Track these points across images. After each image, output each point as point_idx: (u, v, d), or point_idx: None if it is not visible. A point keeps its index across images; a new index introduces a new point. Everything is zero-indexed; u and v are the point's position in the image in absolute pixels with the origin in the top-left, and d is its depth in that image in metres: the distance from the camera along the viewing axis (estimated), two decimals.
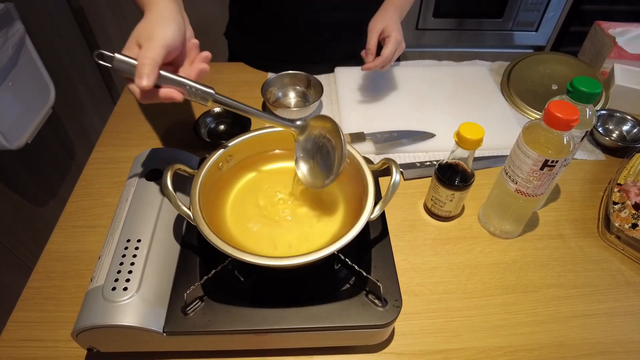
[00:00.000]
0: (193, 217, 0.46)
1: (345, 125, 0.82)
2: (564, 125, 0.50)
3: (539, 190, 0.57)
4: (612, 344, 0.55)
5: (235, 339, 0.49)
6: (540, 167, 0.54)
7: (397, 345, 0.54)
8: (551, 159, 0.52)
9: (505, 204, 0.62)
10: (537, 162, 0.53)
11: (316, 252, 0.43)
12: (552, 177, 0.55)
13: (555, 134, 0.52)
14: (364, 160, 0.53)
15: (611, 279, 0.61)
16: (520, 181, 0.57)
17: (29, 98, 1.05)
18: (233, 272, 0.51)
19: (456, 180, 0.61)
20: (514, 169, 0.57)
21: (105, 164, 0.76)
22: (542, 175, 0.55)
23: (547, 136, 0.52)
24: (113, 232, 0.53)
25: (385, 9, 0.82)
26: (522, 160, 0.55)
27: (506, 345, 0.54)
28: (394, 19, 0.80)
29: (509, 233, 0.66)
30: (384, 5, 0.83)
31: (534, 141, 0.54)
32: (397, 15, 0.81)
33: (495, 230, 0.66)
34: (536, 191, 0.57)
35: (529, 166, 0.54)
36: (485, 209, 0.68)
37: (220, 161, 0.54)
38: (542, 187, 0.57)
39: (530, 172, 0.55)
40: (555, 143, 0.52)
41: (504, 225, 0.65)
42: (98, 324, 0.45)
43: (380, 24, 0.79)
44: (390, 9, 0.81)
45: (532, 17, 1.62)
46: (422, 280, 0.60)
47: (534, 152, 0.53)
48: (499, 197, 0.63)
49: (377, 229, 0.56)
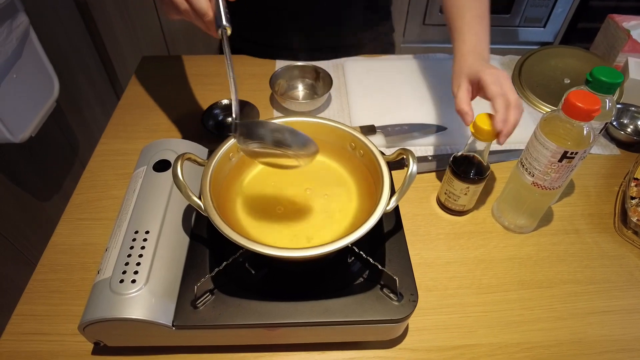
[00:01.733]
0: (204, 207, 0.44)
1: (355, 118, 0.80)
2: (584, 115, 0.48)
3: (556, 183, 0.55)
4: (631, 342, 0.53)
5: (245, 334, 0.48)
6: (559, 159, 0.52)
7: (411, 340, 0.52)
8: (571, 151, 0.51)
9: (520, 198, 0.61)
10: (556, 154, 0.52)
11: (330, 244, 0.42)
12: (570, 169, 0.54)
13: (575, 125, 0.50)
14: (379, 151, 0.51)
15: (629, 275, 0.60)
16: (537, 174, 0.55)
17: (33, 91, 1.04)
18: (244, 265, 0.50)
19: (471, 173, 0.60)
20: (531, 161, 0.55)
21: (111, 156, 0.74)
22: (560, 167, 0.53)
23: (566, 127, 0.51)
24: (120, 224, 0.52)
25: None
26: (540, 152, 0.53)
27: (523, 342, 0.53)
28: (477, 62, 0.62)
29: (524, 228, 0.64)
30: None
31: (552, 132, 0.52)
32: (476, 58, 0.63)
33: (509, 225, 0.64)
34: (553, 184, 0.56)
35: (547, 158, 0.53)
36: (499, 203, 0.66)
37: (231, 151, 0.52)
38: (559, 179, 0.55)
39: (549, 164, 0.53)
40: (575, 134, 0.51)
41: (518, 219, 0.63)
42: (105, 317, 0.43)
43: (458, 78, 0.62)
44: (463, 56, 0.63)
45: (540, 13, 1.61)
46: (436, 275, 0.59)
47: (552, 144, 0.51)
48: (514, 190, 0.61)
49: (391, 223, 0.55)
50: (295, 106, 0.80)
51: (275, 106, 0.84)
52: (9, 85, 0.95)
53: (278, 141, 0.43)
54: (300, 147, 0.44)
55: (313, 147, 0.44)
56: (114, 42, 1.56)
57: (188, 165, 0.52)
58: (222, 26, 0.49)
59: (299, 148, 0.44)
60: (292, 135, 0.43)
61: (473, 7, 0.67)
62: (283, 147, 0.44)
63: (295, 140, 0.43)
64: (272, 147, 0.44)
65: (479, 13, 0.67)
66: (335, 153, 0.56)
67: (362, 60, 0.94)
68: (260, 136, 0.44)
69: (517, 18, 1.63)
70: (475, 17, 0.66)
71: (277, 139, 0.43)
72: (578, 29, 1.66)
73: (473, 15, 0.66)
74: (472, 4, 0.67)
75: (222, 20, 0.49)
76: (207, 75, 0.91)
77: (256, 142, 0.44)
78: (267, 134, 0.44)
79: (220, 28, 0.49)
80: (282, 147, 0.44)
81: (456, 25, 0.67)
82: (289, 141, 0.43)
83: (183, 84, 0.89)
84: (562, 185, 0.57)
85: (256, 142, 0.44)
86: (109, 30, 1.53)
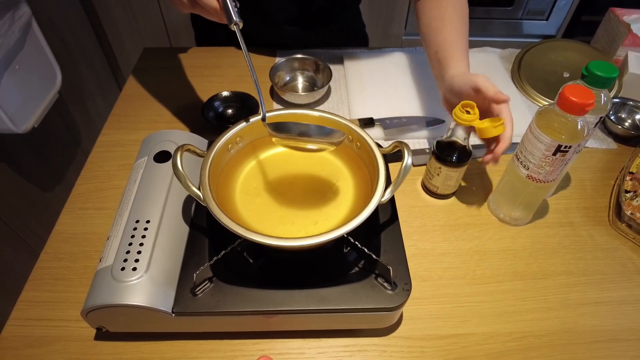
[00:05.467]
0: (203, 197, 0.46)
1: (355, 110, 0.81)
2: (578, 109, 0.49)
3: (550, 176, 0.56)
4: (621, 332, 0.54)
5: (243, 320, 0.49)
6: (553, 153, 0.53)
7: (405, 329, 0.54)
8: (564, 144, 0.51)
9: (515, 191, 0.61)
10: (550, 148, 0.52)
11: (326, 234, 0.43)
12: (564, 162, 0.54)
13: (569, 119, 0.51)
14: (375, 143, 0.52)
15: (621, 267, 0.61)
16: (532, 167, 0.56)
17: (35, 82, 1.04)
18: (242, 254, 0.51)
19: (448, 157, 0.61)
20: (526, 154, 0.56)
21: (113, 147, 0.75)
22: (554, 160, 0.54)
23: (560, 121, 0.52)
24: (122, 213, 0.53)
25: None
26: (535, 145, 0.54)
27: (515, 331, 0.54)
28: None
29: (519, 220, 0.65)
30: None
31: (547, 126, 0.53)
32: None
33: (505, 217, 0.65)
34: (548, 177, 0.56)
35: (542, 151, 0.54)
36: (495, 196, 0.67)
37: (229, 143, 0.53)
38: (554, 173, 0.56)
39: (543, 158, 0.54)
40: (569, 128, 0.51)
41: (514, 212, 0.64)
42: (107, 304, 0.45)
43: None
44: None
45: (543, 6, 1.60)
46: (431, 266, 0.60)
47: (547, 137, 0.52)
48: (509, 183, 0.62)
49: (387, 214, 0.56)
50: (295, 98, 0.81)
51: (275, 98, 0.85)
52: (12, 76, 0.96)
53: (303, 132, 0.49)
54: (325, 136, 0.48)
55: (339, 135, 0.48)
56: (116, 33, 1.56)
57: (188, 156, 0.53)
58: (233, 22, 0.50)
59: (324, 137, 0.49)
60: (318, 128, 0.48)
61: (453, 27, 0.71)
62: (307, 136, 0.49)
63: (321, 131, 0.48)
64: (298, 136, 0.49)
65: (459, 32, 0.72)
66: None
67: (362, 52, 0.94)
68: (292, 131, 0.49)
69: (519, 11, 1.62)
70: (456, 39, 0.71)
71: (302, 131, 0.49)
72: (581, 21, 1.66)
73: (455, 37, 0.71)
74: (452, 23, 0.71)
75: (232, 16, 0.50)
76: (208, 67, 0.92)
77: (284, 134, 0.49)
78: (294, 128, 0.48)
79: (232, 24, 0.50)
80: (307, 136, 0.49)
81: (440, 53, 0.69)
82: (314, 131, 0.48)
83: (184, 75, 0.90)
84: (556, 178, 0.57)
85: (284, 134, 0.50)
86: (111, 22, 1.53)
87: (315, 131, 0.48)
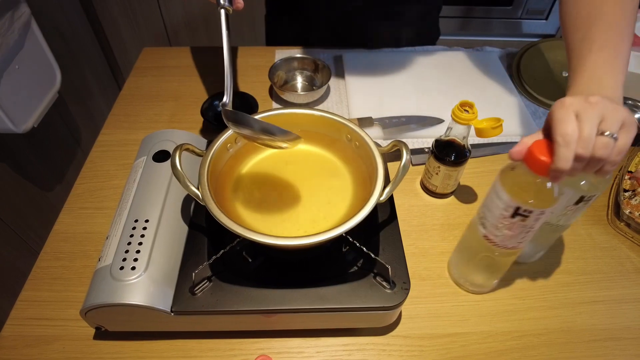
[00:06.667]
0: (202, 196, 0.46)
1: (353, 109, 0.81)
2: (545, 170, 0.39)
3: (509, 242, 0.46)
4: (619, 331, 0.54)
5: (242, 320, 0.49)
6: (511, 215, 0.43)
7: (404, 328, 0.54)
8: (524, 207, 0.42)
9: (471, 251, 0.53)
10: (508, 208, 0.43)
11: (324, 233, 0.43)
12: (526, 230, 0.44)
13: (538, 179, 0.41)
14: (374, 142, 0.52)
15: (620, 266, 0.61)
16: (489, 226, 0.47)
17: (35, 82, 1.04)
18: (241, 253, 0.51)
19: (447, 156, 0.61)
20: (485, 210, 0.47)
21: (112, 147, 0.75)
22: (513, 225, 0.44)
23: (528, 178, 0.41)
24: (121, 213, 0.53)
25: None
26: (493, 200, 0.45)
27: (514, 330, 0.54)
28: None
29: (479, 287, 0.57)
30: None
31: (514, 180, 0.43)
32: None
33: (459, 279, 0.57)
34: (506, 242, 0.46)
35: (500, 210, 0.44)
36: (454, 254, 0.59)
37: (228, 142, 0.53)
38: (514, 239, 0.46)
39: (500, 218, 0.44)
40: (536, 189, 0.41)
41: (470, 275, 0.56)
42: (106, 303, 0.45)
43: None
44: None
45: (543, 5, 1.60)
46: (430, 265, 0.60)
47: (505, 194, 0.42)
48: (467, 240, 0.54)
49: (386, 213, 0.56)
50: (294, 98, 0.81)
51: (274, 98, 0.85)
52: (11, 76, 0.96)
53: (265, 129, 0.46)
54: (283, 136, 0.46)
55: (292, 135, 0.46)
56: (116, 33, 1.56)
57: (187, 156, 0.53)
58: (221, 5, 0.50)
59: (282, 136, 0.46)
60: (274, 127, 0.46)
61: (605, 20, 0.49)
62: (268, 134, 0.46)
63: (277, 131, 0.46)
64: (260, 133, 0.46)
65: (610, 30, 0.48)
66: (332, 144, 0.57)
67: (361, 52, 0.94)
68: (249, 125, 0.46)
69: (519, 10, 1.62)
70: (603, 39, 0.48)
71: (263, 128, 0.46)
72: None
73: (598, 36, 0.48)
74: (605, 10, 0.49)
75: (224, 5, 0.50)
76: (208, 67, 0.92)
77: (246, 129, 0.46)
78: (254, 124, 0.46)
79: (219, 7, 0.50)
80: (268, 134, 0.46)
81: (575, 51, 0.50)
82: (273, 130, 0.46)
83: (183, 75, 0.90)
84: (518, 246, 0.47)
85: (247, 129, 0.47)
86: (111, 22, 1.53)
87: (273, 130, 0.46)
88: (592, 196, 0.46)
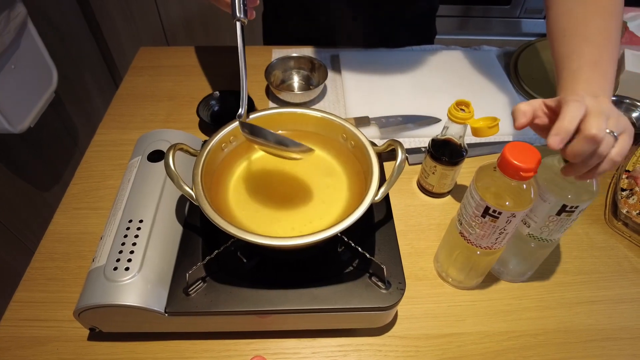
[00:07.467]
0: (196, 197, 0.45)
1: (350, 109, 0.81)
2: (516, 174, 0.40)
3: (482, 241, 0.47)
4: (617, 331, 0.54)
5: (237, 320, 0.49)
6: (482, 214, 0.44)
7: (400, 328, 0.53)
8: (493, 208, 0.42)
9: (451, 245, 0.54)
10: (479, 207, 0.44)
11: (319, 233, 0.43)
12: (498, 231, 0.45)
13: (514, 183, 0.42)
14: (369, 142, 0.52)
15: (617, 265, 0.61)
16: (464, 223, 0.48)
17: (31, 82, 1.04)
18: (235, 254, 0.51)
19: (444, 155, 0.61)
20: (461, 206, 0.49)
21: (108, 147, 0.75)
22: (484, 224, 0.45)
23: (503, 180, 0.42)
24: (115, 213, 0.52)
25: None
26: (467, 198, 0.46)
27: (511, 330, 0.53)
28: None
29: (460, 283, 0.57)
30: None
31: (491, 179, 0.43)
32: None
33: (442, 273, 0.58)
34: (479, 241, 0.47)
35: (472, 208, 0.45)
36: (439, 249, 0.59)
37: (223, 142, 0.53)
38: (485, 239, 0.46)
39: (472, 216, 0.46)
40: (511, 191, 0.42)
41: (450, 269, 0.56)
42: (100, 304, 0.44)
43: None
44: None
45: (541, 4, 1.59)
46: (426, 265, 0.60)
47: (477, 194, 0.43)
48: (448, 234, 0.55)
49: (382, 213, 0.56)
50: (291, 97, 0.81)
51: (271, 97, 0.84)
52: (7, 76, 0.96)
53: (279, 142, 0.47)
54: (296, 147, 0.46)
55: (305, 147, 0.46)
56: (113, 33, 1.56)
57: (183, 156, 0.53)
58: (237, 18, 0.50)
59: (295, 148, 0.46)
60: (287, 140, 0.47)
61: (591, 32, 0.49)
62: (282, 145, 0.47)
63: (290, 143, 0.46)
64: (274, 145, 0.47)
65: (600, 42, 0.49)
66: (327, 144, 0.57)
67: (357, 51, 0.94)
68: (264, 138, 0.47)
69: (517, 9, 1.61)
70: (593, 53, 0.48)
71: (278, 140, 0.47)
72: None
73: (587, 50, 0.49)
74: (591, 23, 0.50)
75: (236, 12, 0.50)
76: (204, 67, 0.92)
77: (262, 140, 0.48)
78: (269, 137, 0.47)
79: (235, 20, 0.50)
80: (282, 145, 0.47)
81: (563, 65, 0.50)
82: (286, 142, 0.46)
83: (180, 75, 0.90)
84: (491, 247, 0.48)
85: (262, 140, 0.48)
86: (108, 21, 1.53)
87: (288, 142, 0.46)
88: (575, 207, 0.45)
